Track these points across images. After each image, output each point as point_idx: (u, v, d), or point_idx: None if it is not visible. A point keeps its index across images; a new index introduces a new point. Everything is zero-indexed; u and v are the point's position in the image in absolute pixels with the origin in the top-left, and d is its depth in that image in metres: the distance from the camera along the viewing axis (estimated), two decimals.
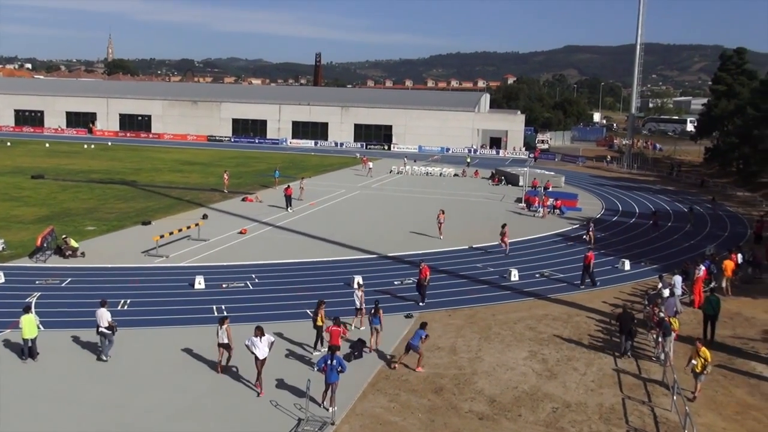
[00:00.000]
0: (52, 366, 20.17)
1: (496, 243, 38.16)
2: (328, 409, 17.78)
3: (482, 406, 18.67)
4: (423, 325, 21.16)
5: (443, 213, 40.08)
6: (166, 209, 46.74)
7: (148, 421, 17.07)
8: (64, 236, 33.78)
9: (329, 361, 17.88)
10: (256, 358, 18.90)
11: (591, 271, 31.05)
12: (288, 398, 18.53)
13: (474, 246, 38.36)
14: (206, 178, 63.84)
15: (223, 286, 28.73)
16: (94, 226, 39.96)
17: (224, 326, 20.01)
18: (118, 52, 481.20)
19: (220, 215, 45.43)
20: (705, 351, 19.48)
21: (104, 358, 20.75)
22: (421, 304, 26.81)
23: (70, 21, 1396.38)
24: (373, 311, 22.97)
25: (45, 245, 32.55)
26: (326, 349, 19.16)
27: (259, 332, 19.03)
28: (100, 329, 20.76)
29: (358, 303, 24.57)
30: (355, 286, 26.30)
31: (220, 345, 20.09)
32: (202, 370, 20.27)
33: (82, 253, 33.04)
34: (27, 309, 21.08)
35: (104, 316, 20.88)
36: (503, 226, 37.52)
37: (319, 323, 21.93)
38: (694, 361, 19.48)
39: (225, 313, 23.47)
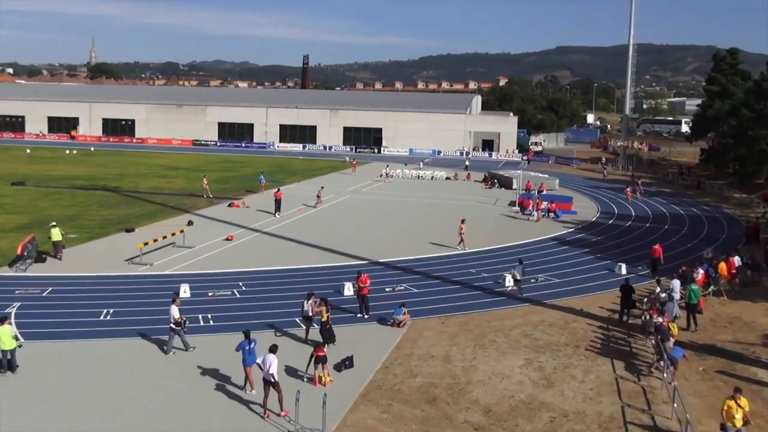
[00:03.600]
0: (32, 379, 19.84)
1: (490, 248, 38.05)
2: (251, 391, 19.07)
3: (477, 416, 18.48)
4: (678, 343, 21.93)
5: (464, 223, 39.07)
6: (150, 216, 46.40)
7: None
8: (53, 224, 34.50)
9: (248, 347, 19.14)
10: (268, 381, 18.15)
11: (660, 264, 33.35)
12: (277, 410, 18.26)
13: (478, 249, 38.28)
14: (191, 184, 63.40)
15: (210, 294, 28.46)
16: (76, 234, 39.58)
17: (310, 301, 23.06)
18: (101, 56, 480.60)
19: (206, 221, 45.13)
20: (744, 401, 17.00)
21: (169, 351, 22.02)
22: (366, 316, 26.09)
23: (53, 24, 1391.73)
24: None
25: (25, 254, 32.18)
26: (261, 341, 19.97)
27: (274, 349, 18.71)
28: (172, 326, 22.00)
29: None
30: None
31: (305, 317, 23.08)
32: (189, 381, 19.99)
33: (63, 249, 33.70)
34: (2, 319, 20.72)
35: (172, 312, 22.05)
36: (462, 221, 39.12)
37: (324, 318, 22.48)
38: (737, 415, 16.67)
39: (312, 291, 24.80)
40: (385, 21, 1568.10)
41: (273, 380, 18.07)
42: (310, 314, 23.18)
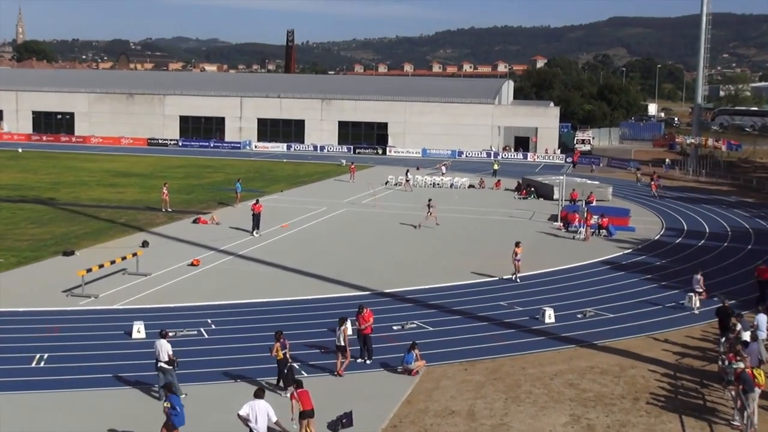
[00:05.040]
0: None
1: (526, 274, 38.21)
2: None
3: None
4: None
5: (520, 246, 38.37)
6: (95, 235, 46.66)
7: None
8: None
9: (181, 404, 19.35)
10: None
11: None
12: None
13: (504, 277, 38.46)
14: (146, 194, 63.76)
15: (170, 334, 28.58)
16: (1, 258, 39.82)
17: (342, 327, 24.74)
18: (30, 32, 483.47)
19: (165, 242, 45.36)
20: None
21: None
22: (368, 361, 26.45)
23: None
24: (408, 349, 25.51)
25: None
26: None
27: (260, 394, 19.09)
28: (159, 364, 22.54)
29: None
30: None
31: (337, 347, 24.87)
32: None
33: None
34: None
35: (164, 348, 22.74)
36: (516, 244, 38.40)
37: (279, 356, 23.35)
38: None
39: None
40: None
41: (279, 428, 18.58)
42: (343, 343, 24.77)
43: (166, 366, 22.50)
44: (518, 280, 38.04)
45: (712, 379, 25.85)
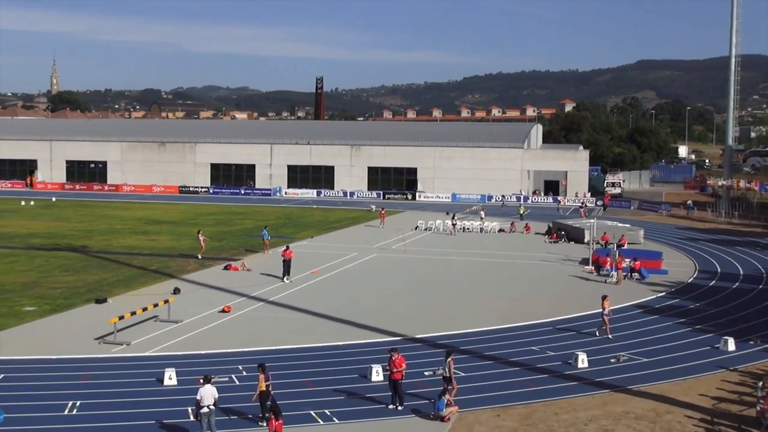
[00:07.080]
0: None
1: (558, 318, 37.93)
2: None
3: None
4: None
5: (607, 300, 36.23)
6: (127, 282, 46.97)
7: None
8: None
9: None
10: None
11: None
12: None
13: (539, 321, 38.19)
14: (178, 241, 64.23)
15: (201, 381, 28.57)
16: (34, 306, 40.16)
17: (449, 359, 26.26)
18: (64, 83, 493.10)
19: (197, 289, 45.57)
20: None
21: None
22: (400, 408, 26.13)
23: (3, 45, 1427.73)
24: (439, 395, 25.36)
25: None
26: None
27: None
28: (210, 407, 22.97)
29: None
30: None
31: (444, 379, 26.22)
32: None
33: None
34: None
35: (213, 392, 23.27)
36: (603, 298, 36.46)
37: (262, 388, 24.18)
38: None
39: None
40: (419, 32, 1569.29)
41: None
42: (448, 375, 26.24)
43: (213, 408, 23.01)
44: (597, 333, 35.93)
45: (750, 424, 25.42)
